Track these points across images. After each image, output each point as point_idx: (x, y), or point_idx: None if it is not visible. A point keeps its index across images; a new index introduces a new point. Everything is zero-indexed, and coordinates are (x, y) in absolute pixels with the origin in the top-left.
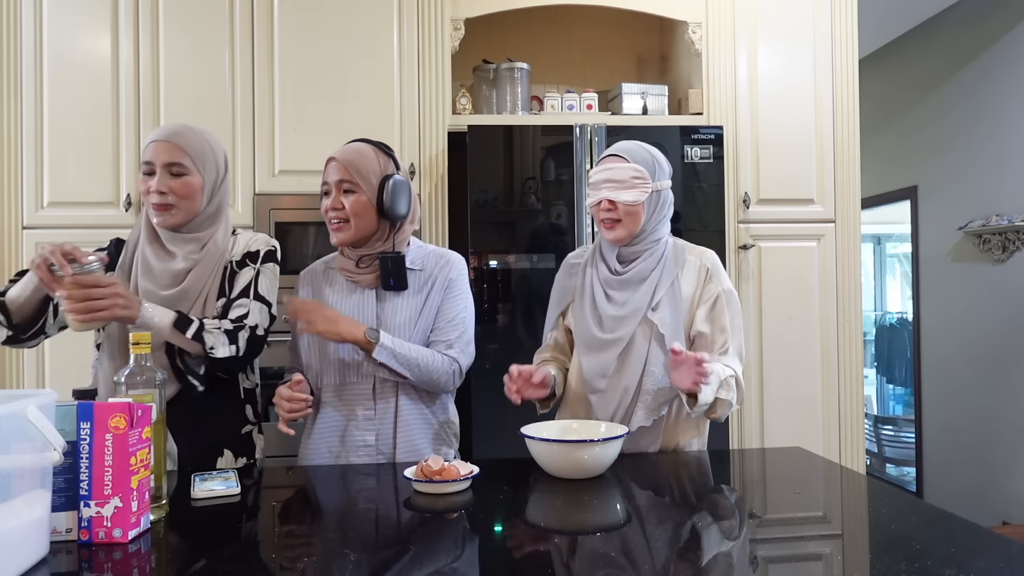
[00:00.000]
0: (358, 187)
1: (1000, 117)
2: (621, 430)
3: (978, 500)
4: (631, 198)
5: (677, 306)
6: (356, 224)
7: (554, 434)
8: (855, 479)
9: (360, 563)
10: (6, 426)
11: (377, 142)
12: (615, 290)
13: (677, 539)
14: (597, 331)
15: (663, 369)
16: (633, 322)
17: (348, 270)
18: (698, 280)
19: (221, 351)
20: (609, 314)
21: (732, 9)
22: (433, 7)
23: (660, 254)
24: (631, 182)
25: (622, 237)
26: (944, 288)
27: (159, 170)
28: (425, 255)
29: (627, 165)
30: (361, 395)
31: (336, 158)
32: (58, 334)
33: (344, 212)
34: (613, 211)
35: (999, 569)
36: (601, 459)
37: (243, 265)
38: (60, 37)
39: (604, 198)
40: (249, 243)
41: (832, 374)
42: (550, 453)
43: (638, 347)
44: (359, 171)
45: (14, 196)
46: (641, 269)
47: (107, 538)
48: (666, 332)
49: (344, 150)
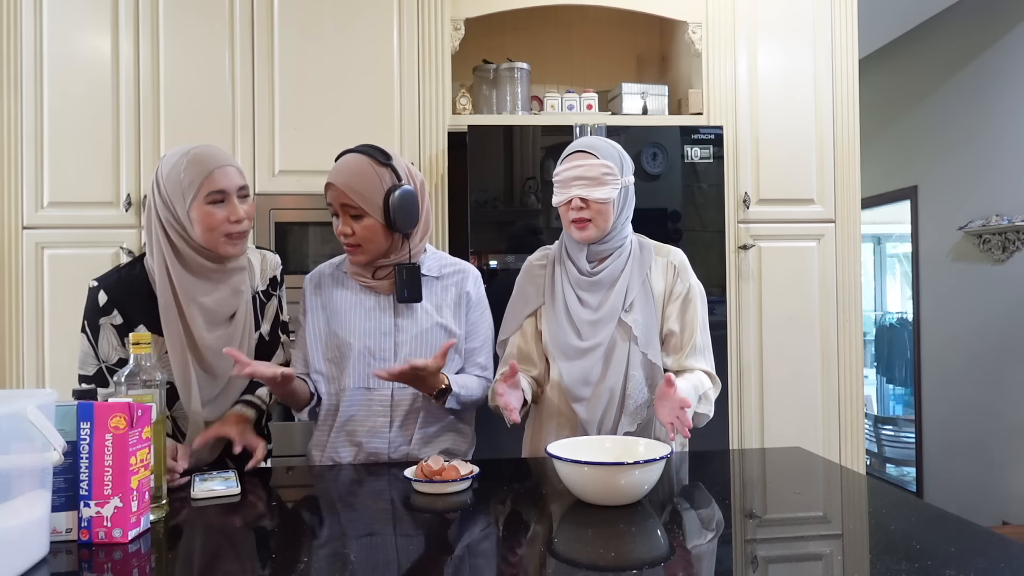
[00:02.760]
0: (363, 211)
1: (1000, 117)
2: (664, 449)
3: (978, 500)
4: (603, 195)
5: (649, 306)
6: (368, 247)
7: (585, 452)
8: (855, 479)
9: (360, 563)
10: (6, 426)
11: (371, 150)
12: (587, 292)
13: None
14: (575, 339)
15: (642, 372)
16: (610, 326)
17: (363, 276)
18: (666, 278)
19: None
20: (584, 319)
21: (732, 9)
22: (433, 7)
23: (628, 252)
24: (602, 178)
25: (593, 236)
26: (944, 288)
27: (235, 198)
28: (441, 264)
29: (597, 161)
30: (379, 400)
31: (334, 184)
32: (59, 335)
33: (355, 238)
34: (585, 209)
35: (999, 569)
36: (641, 483)
37: (268, 295)
38: (60, 37)
39: (576, 196)
40: (265, 265)
41: (832, 374)
42: (586, 478)
43: (618, 351)
44: (361, 195)
45: (14, 196)
46: (612, 269)
47: (107, 538)
48: (639, 334)
49: (340, 171)
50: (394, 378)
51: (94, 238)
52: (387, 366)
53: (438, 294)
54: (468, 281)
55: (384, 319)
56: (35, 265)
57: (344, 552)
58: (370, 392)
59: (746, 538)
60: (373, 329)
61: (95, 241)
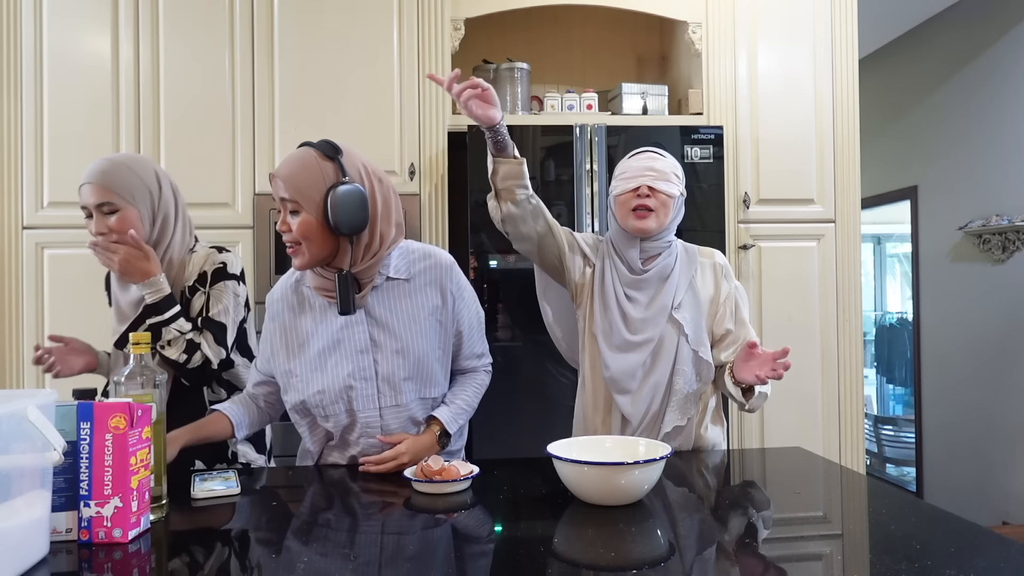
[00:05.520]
0: (299, 207)
1: (1000, 117)
2: (664, 449)
3: (978, 500)
4: (670, 189)
5: (697, 306)
6: (309, 248)
7: (585, 452)
8: (855, 479)
9: (360, 563)
10: (6, 426)
11: (323, 144)
12: (637, 290)
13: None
14: (626, 332)
15: (692, 367)
16: (661, 321)
17: (326, 291)
18: (715, 280)
19: (172, 353)
20: (635, 316)
21: (732, 9)
22: (433, 7)
23: (675, 254)
24: (671, 176)
25: (652, 228)
26: (944, 288)
27: (94, 212)
28: (410, 261)
29: (667, 161)
30: (369, 424)
31: (275, 175)
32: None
33: (292, 235)
34: (650, 198)
35: (999, 569)
36: (642, 483)
37: (195, 291)
38: (60, 37)
39: (645, 184)
40: (203, 263)
41: (832, 374)
42: (586, 478)
43: (667, 347)
44: (298, 189)
45: (14, 196)
46: (662, 267)
47: (107, 538)
48: (690, 332)
49: (284, 163)
50: (385, 459)
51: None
52: (368, 391)
53: (413, 298)
54: (444, 276)
55: (358, 337)
56: (35, 265)
57: (344, 552)
58: (354, 415)
59: (746, 538)
60: (347, 351)
61: None
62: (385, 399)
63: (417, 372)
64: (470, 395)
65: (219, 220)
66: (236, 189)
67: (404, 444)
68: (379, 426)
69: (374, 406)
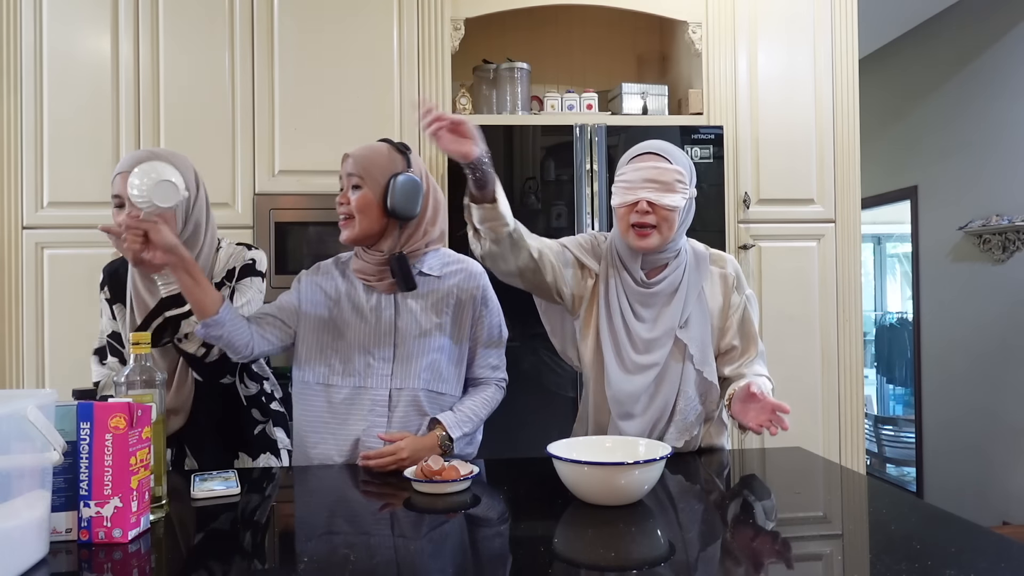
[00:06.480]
0: (363, 183)
1: (1001, 117)
2: (664, 449)
3: (978, 500)
4: (672, 202)
5: (704, 319)
6: (360, 221)
7: (585, 452)
8: (855, 479)
9: (360, 563)
10: (6, 426)
11: (396, 142)
12: (643, 306)
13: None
14: (633, 354)
15: (696, 390)
16: (667, 342)
17: (365, 273)
18: (724, 292)
19: (190, 347)
20: (643, 336)
21: (732, 9)
22: (433, 7)
23: (684, 263)
24: (674, 185)
25: (654, 246)
26: (944, 288)
27: (128, 203)
28: (444, 263)
29: (670, 167)
30: (377, 401)
31: (348, 154)
32: (59, 335)
33: (349, 208)
34: (650, 215)
35: (999, 569)
36: (642, 483)
37: (221, 286)
38: (60, 37)
39: (644, 199)
40: (229, 260)
41: (832, 374)
42: (586, 478)
43: (672, 370)
44: (365, 167)
45: (14, 196)
46: (670, 281)
47: (107, 538)
48: (695, 352)
49: (360, 146)
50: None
51: (94, 238)
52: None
53: (439, 295)
54: (473, 282)
55: (383, 322)
56: (35, 265)
57: (344, 552)
58: (365, 391)
59: (746, 538)
60: (371, 329)
61: (95, 241)
62: (397, 380)
63: (429, 362)
64: (478, 405)
65: (219, 220)
66: (236, 189)
67: (404, 441)
68: (387, 405)
69: (385, 386)
